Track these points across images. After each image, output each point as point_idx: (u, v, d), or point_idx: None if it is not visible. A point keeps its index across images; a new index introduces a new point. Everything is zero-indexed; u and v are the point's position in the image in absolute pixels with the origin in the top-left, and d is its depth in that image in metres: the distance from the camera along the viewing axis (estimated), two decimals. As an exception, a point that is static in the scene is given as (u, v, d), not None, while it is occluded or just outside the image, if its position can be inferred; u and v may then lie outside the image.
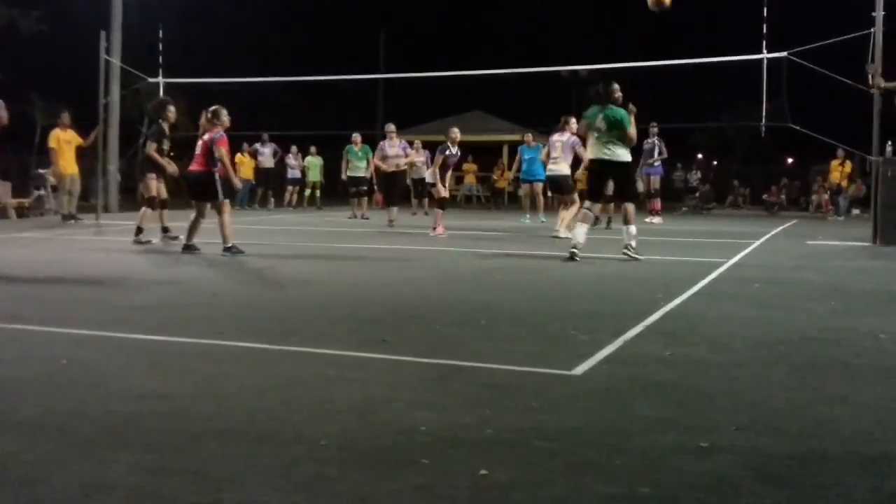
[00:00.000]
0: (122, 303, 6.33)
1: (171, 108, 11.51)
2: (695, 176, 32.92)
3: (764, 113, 13.88)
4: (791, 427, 3.30)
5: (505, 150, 30.72)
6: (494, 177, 29.11)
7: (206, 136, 9.93)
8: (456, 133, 13.88)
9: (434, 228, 13.51)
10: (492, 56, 28.43)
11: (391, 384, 3.93)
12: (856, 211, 24.02)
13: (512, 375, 4.13)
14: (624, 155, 9.45)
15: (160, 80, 17.95)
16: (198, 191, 10.08)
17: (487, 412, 3.47)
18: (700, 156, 41.64)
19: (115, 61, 19.86)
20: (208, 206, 10.03)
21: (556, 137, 13.82)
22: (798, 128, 13.62)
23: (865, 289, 7.46)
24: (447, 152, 13.71)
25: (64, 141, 16.03)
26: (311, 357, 4.52)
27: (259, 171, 24.13)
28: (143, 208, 11.68)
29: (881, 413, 3.53)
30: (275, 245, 11.50)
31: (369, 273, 8.63)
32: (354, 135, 18.62)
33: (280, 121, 27.33)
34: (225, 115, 10.05)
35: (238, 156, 22.50)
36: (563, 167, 13.44)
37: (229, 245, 9.68)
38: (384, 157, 17.26)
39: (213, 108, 10.08)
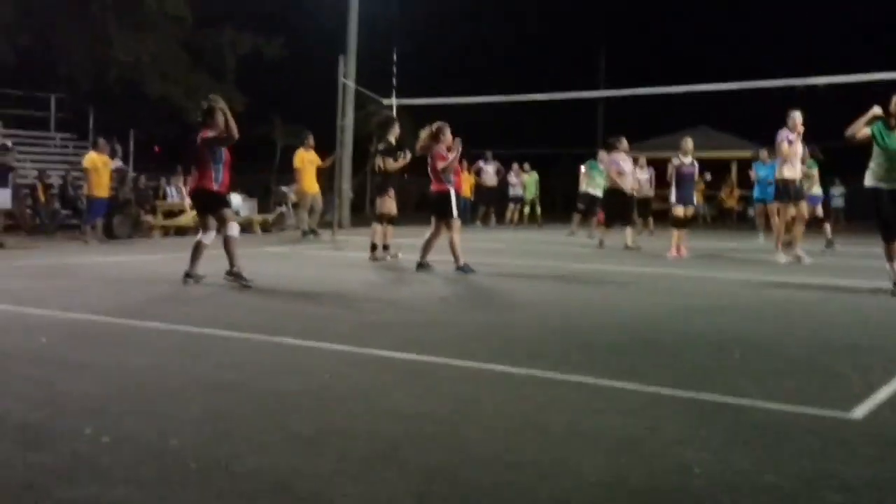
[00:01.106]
0: (367, 319, 6.55)
1: (396, 127, 11.76)
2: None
3: None
4: None
5: (734, 167, 29.49)
6: (722, 195, 27.99)
7: (435, 153, 10.11)
8: (688, 143, 13.47)
9: (672, 250, 13.08)
10: (718, 69, 27.31)
11: (651, 417, 3.77)
12: None
13: (782, 415, 3.84)
14: None
15: (393, 101, 18.65)
16: (434, 208, 10.33)
17: (763, 455, 3.23)
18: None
19: (351, 84, 20.88)
20: (443, 224, 10.22)
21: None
22: None
23: None
24: (677, 163, 13.33)
25: (308, 161, 16.98)
26: (560, 384, 4.43)
27: (481, 188, 24.53)
28: (375, 224, 11.98)
29: None
30: (500, 264, 11.57)
31: (601, 296, 8.46)
32: (601, 152, 18.22)
33: (501, 139, 27.68)
34: (448, 133, 10.24)
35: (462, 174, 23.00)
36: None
37: (461, 264, 9.83)
38: (620, 173, 16.25)
39: (437, 124, 10.27)
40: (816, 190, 15.70)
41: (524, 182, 24.84)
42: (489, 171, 24.55)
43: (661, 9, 42.20)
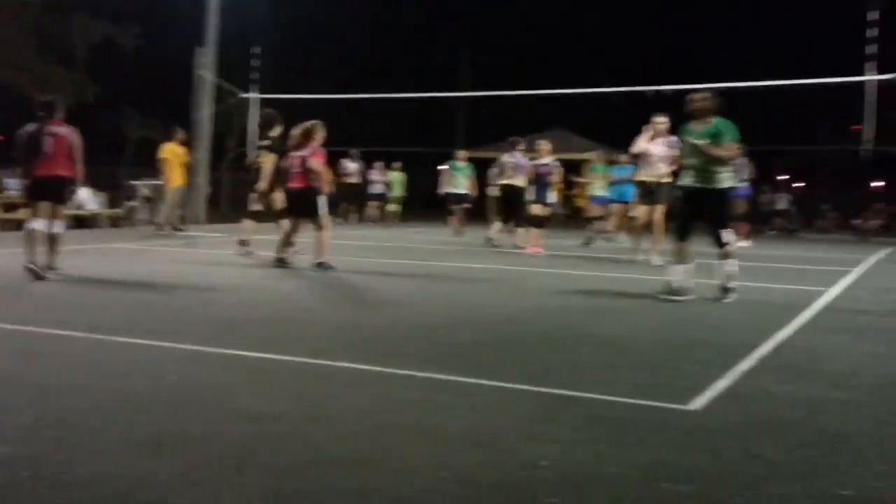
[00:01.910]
0: (220, 317, 6.38)
1: (279, 125, 11.46)
2: (783, 198, 32.05)
3: (864, 136, 13.38)
4: (937, 478, 3.10)
5: (584, 168, 30.44)
6: (575, 195, 28.82)
7: (303, 153, 9.99)
8: (545, 144, 13.89)
9: (528, 248, 13.39)
10: (576, 73, 28.18)
11: (502, 413, 3.84)
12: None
13: (626, 408, 3.99)
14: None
15: (251, 95, 18.27)
16: (299, 207, 10.13)
17: (607, 448, 3.35)
18: (785, 177, 40.58)
19: (209, 76, 20.31)
20: (298, 221, 10.08)
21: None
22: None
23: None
24: (535, 163, 13.72)
25: (176, 154, 16.65)
26: (415, 381, 4.45)
27: (343, 186, 24.38)
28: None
29: None
30: (362, 261, 11.53)
31: (462, 293, 8.56)
32: (459, 151, 18.57)
33: (363, 136, 27.57)
34: (321, 132, 10.09)
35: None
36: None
37: (322, 261, 9.73)
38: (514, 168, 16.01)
39: (311, 123, 10.14)
40: (601, 192, 16.49)
41: (391, 180, 24.87)
42: (353, 168, 24.43)
43: (523, 12, 43.09)
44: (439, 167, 19.35)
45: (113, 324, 5.85)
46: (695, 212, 8.08)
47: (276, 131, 11.34)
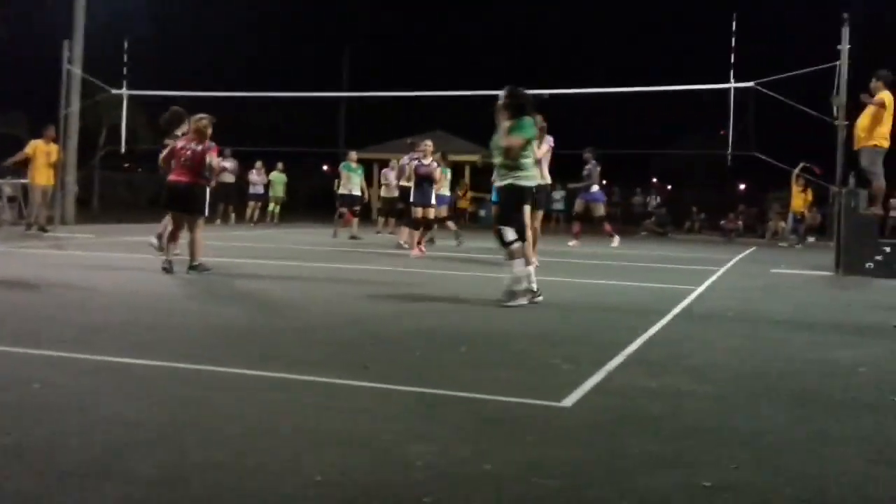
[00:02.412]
0: (89, 322, 6.14)
1: (186, 123, 10.86)
2: (654, 200, 33.29)
3: (730, 141, 14.02)
4: (790, 465, 3.27)
5: (467, 170, 30.77)
6: (459, 194, 29.10)
7: (197, 147, 9.51)
8: (428, 144, 14.00)
9: (412, 248, 13.46)
10: (457, 76, 28.45)
11: (380, 414, 3.83)
12: (811, 238, 24.42)
13: (501, 406, 4.05)
14: None
15: (124, 91, 17.65)
16: (185, 203, 9.55)
17: (483, 446, 3.38)
18: (655, 180, 42.12)
19: (76, 71, 19.49)
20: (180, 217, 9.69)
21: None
22: (763, 157, 13.80)
23: (834, 320, 7.52)
24: (416, 164, 13.83)
25: (43, 152, 16.09)
26: (292, 384, 4.39)
27: (219, 185, 23.86)
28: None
29: (877, 451, 3.51)
30: (240, 263, 11.31)
31: (342, 295, 8.49)
32: (351, 152, 18.35)
33: (241, 136, 27.05)
34: (210, 129, 9.67)
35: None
36: None
37: (196, 263, 9.46)
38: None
39: (206, 117, 9.67)
40: (445, 191, 16.78)
41: (271, 180, 24.55)
42: (228, 167, 23.93)
43: (404, 13, 43.21)
44: (325, 168, 19.20)
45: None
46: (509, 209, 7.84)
47: (183, 129, 10.75)
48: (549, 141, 11.59)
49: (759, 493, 2.94)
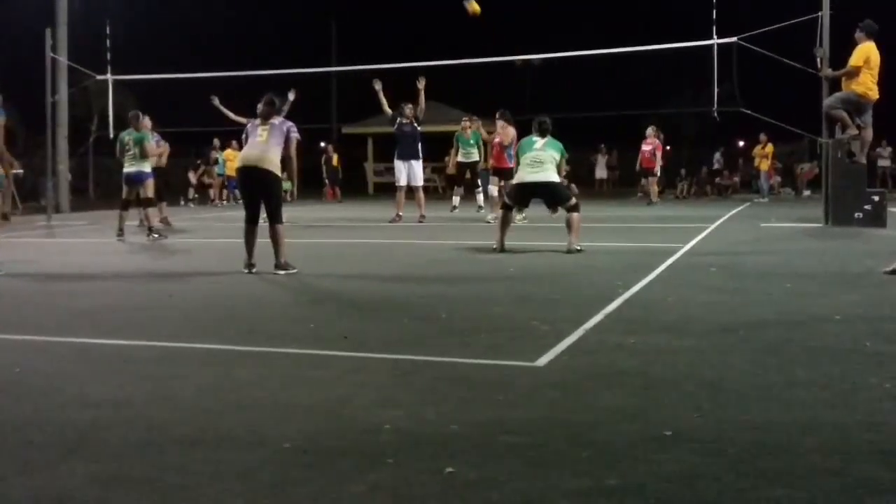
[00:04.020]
0: (70, 305, 6.20)
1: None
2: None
3: (716, 98, 13.99)
4: (753, 413, 3.33)
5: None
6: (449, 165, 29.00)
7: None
8: (410, 108, 14.09)
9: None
10: (451, 45, 28.22)
11: (354, 382, 3.89)
12: (807, 192, 24.43)
13: (475, 369, 4.11)
14: None
15: (108, 77, 17.61)
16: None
17: (451, 408, 3.44)
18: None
19: (61, 58, 19.43)
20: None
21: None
22: (749, 112, 13.77)
23: (817, 271, 7.55)
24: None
25: None
26: (270, 357, 4.45)
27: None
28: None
29: (843, 397, 3.56)
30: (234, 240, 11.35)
31: (323, 267, 8.53)
32: (465, 121, 17.17)
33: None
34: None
35: (227, 151, 22.25)
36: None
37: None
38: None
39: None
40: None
41: None
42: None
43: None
44: (322, 144, 19.05)
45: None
46: None
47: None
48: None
49: (718, 440, 3.00)
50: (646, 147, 20.82)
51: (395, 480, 2.67)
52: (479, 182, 16.07)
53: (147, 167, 11.87)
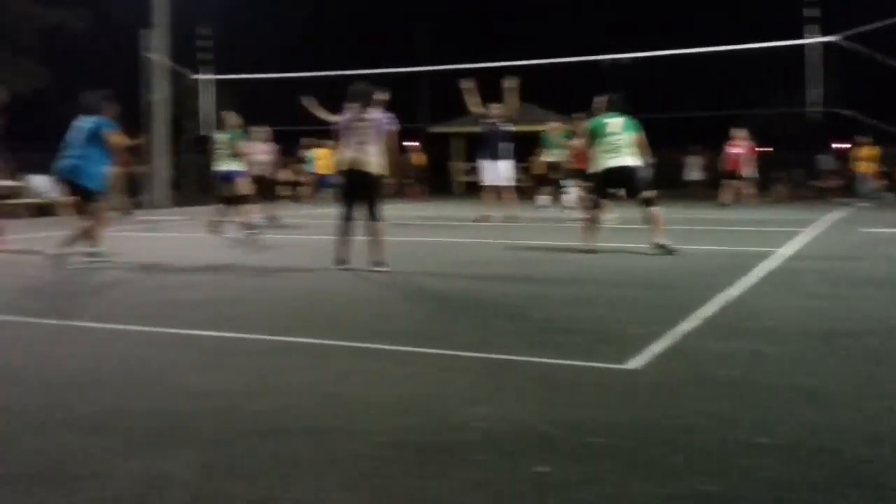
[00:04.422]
0: (170, 298, 6.41)
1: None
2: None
3: (823, 99, 13.54)
4: (855, 424, 3.23)
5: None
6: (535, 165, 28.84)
7: None
8: (497, 108, 14.15)
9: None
10: (540, 46, 28.07)
11: (444, 379, 3.93)
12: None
13: (565, 370, 4.10)
14: None
15: (199, 76, 18.11)
16: None
17: (541, 408, 3.44)
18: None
19: (158, 58, 20.07)
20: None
21: None
22: (848, 113, 13.32)
23: (923, 278, 7.27)
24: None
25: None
26: (363, 352, 4.52)
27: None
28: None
29: (947, 407, 3.43)
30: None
31: (412, 265, 8.60)
32: (552, 123, 17.32)
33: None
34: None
35: (318, 150, 21.79)
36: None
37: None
38: None
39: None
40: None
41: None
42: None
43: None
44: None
45: (63, 308, 5.87)
46: None
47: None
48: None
49: (819, 451, 2.92)
50: (733, 150, 20.31)
51: (488, 478, 2.69)
52: (565, 183, 16.05)
53: (237, 166, 12.14)
